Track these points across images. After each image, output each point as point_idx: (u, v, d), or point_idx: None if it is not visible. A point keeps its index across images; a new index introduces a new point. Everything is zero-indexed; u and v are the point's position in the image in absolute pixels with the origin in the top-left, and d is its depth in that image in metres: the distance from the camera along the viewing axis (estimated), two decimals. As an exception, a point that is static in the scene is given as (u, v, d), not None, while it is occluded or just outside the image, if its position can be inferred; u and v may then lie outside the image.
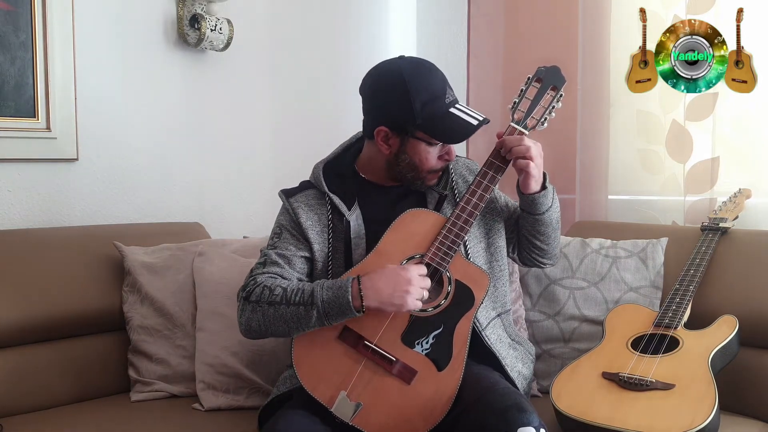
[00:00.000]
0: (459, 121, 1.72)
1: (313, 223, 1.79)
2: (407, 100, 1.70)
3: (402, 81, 1.71)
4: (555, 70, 1.77)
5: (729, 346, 1.83)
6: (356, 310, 1.60)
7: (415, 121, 1.71)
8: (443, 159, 1.78)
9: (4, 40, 2.14)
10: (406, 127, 1.73)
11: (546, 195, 1.78)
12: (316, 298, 1.62)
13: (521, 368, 1.82)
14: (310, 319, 1.62)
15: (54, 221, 2.29)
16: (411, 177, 1.79)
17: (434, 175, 1.81)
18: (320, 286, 1.64)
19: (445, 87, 1.75)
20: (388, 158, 1.78)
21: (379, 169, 1.83)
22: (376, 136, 1.76)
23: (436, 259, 1.69)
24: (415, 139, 1.74)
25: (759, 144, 2.37)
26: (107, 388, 2.10)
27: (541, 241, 1.86)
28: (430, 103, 1.71)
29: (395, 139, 1.75)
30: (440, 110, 1.72)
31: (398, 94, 1.70)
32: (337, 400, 1.61)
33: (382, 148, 1.77)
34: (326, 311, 1.61)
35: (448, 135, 1.74)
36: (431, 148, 1.75)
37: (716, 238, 2.08)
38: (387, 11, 3.15)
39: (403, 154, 1.76)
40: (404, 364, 1.64)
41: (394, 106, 1.72)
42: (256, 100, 2.77)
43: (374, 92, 1.77)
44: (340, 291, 1.61)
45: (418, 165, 1.76)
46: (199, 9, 2.49)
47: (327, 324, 1.63)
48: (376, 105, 1.77)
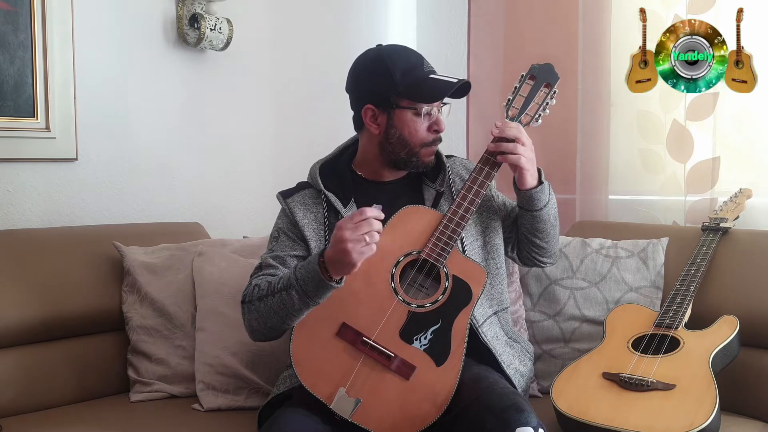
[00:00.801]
0: (439, 82, 1.75)
1: (309, 221, 1.81)
2: (387, 72, 1.74)
3: (380, 57, 1.77)
4: (548, 67, 1.79)
5: (729, 346, 1.83)
6: (327, 280, 1.58)
7: (397, 89, 1.74)
8: (432, 130, 1.79)
9: (3, 39, 2.14)
10: (389, 99, 1.75)
11: (542, 190, 1.78)
12: (292, 279, 1.63)
13: (518, 365, 1.82)
14: (293, 301, 1.62)
15: (54, 221, 2.28)
16: (405, 155, 1.79)
17: (428, 150, 1.80)
18: (295, 267, 1.65)
19: (422, 59, 1.79)
20: (379, 139, 1.79)
21: (374, 160, 1.83)
22: (364, 116, 1.79)
23: (433, 255, 1.69)
24: (401, 109, 1.76)
25: (759, 144, 2.37)
26: (107, 389, 2.10)
27: (540, 239, 1.87)
28: (409, 72, 1.75)
29: (382, 116, 1.77)
30: (420, 76, 1.76)
31: (378, 69, 1.76)
32: (336, 397, 1.61)
33: (372, 129, 1.79)
34: (304, 289, 1.60)
35: (430, 94, 1.75)
36: (418, 119, 1.77)
37: (717, 238, 2.08)
38: (387, 11, 3.15)
39: (392, 129, 1.77)
40: (403, 360, 1.64)
41: (375, 81, 1.76)
42: (256, 100, 2.76)
43: (356, 76, 1.82)
44: (310, 265, 1.61)
45: (408, 138, 1.77)
46: (198, 8, 2.49)
47: (312, 303, 1.61)
48: (359, 87, 1.81)
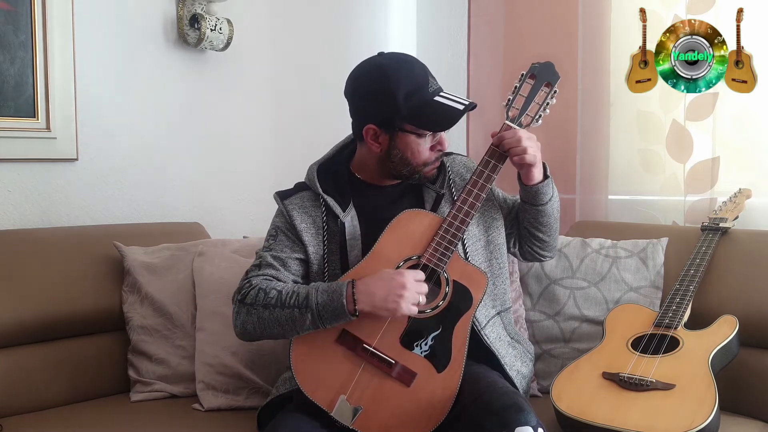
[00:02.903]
0: (444, 108, 1.69)
1: (307, 226, 1.78)
2: (390, 95, 1.67)
3: (383, 76, 1.69)
4: (549, 66, 1.74)
5: (729, 346, 1.83)
6: (350, 314, 1.59)
7: (401, 114, 1.69)
8: (436, 150, 1.76)
9: (4, 40, 2.14)
10: (392, 122, 1.71)
11: (548, 184, 1.77)
12: (310, 301, 1.61)
13: (520, 367, 1.81)
14: (304, 322, 1.61)
15: (54, 221, 2.28)
16: (407, 172, 1.76)
17: (431, 167, 1.78)
18: (315, 289, 1.63)
19: (427, 76, 1.73)
20: (380, 156, 1.76)
21: (374, 169, 1.81)
22: (365, 135, 1.74)
23: (433, 260, 1.67)
24: (404, 133, 1.71)
25: (759, 144, 2.37)
26: (107, 389, 2.10)
27: (543, 233, 1.86)
28: (413, 94, 1.68)
29: (384, 136, 1.73)
30: (424, 99, 1.69)
31: (380, 89, 1.69)
32: (336, 405, 1.61)
33: (373, 147, 1.75)
34: (320, 314, 1.60)
35: (435, 123, 1.71)
36: (421, 140, 1.73)
37: (716, 238, 2.08)
38: (387, 11, 3.15)
39: (394, 150, 1.73)
40: (403, 367, 1.63)
41: (377, 102, 1.71)
42: (256, 100, 2.76)
43: (357, 92, 1.76)
44: (335, 294, 1.60)
45: (410, 159, 1.74)
46: (199, 9, 2.49)
47: (321, 327, 1.62)
48: (361, 105, 1.76)
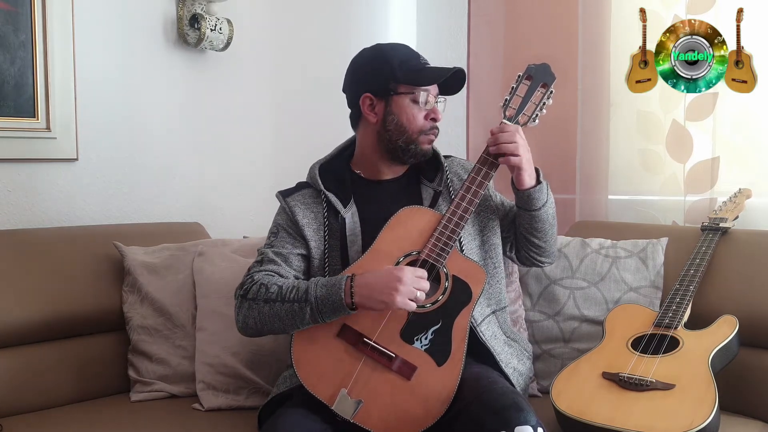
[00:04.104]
0: (435, 69, 1.81)
1: (309, 221, 1.81)
2: (385, 61, 1.78)
3: (378, 49, 1.83)
4: (545, 67, 1.78)
5: (729, 346, 1.83)
6: (348, 307, 1.61)
7: (395, 76, 1.77)
8: (430, 119, 1.81)
9: (4, 40, 2.14)
10: (387, 86, 1.78)
11: (541, 190, 1.79)
12: (310, 295, 1.64)
13: (516, 364, 1.82)
14: (304, 316, 1.64)
15: (54, 221, 2.29)
16: (403, 143, 1.80)
17: (426, 137, 1.82)
18: (315, 283, 1.66)
19: (419, 54, 1.83)
20: (377, 128, 1.81)
21: (372, 153, 1.84)
22: (362, 105, 1.80)
23: (432, 255, 1.69)
24: (399, 95, 1.78)
25: (759, 144, 2.37)
26: (107, 388, 2.10)
27: (539, 239, 1.87)
28: (406, 61, 1.79)
29: (380, 103, 1.80)
30: (417, 66, 1.80)
31: (376, 58, 1.81)
32: (337, 398, 1.62)
33: (370, 118, 1.81)
34: (319, 308, 1.62)
35: (428, 78, 1.79)
36: (416, 106, 1.79)
37: (716, 238, 2.08)
38: (387, 11, 3.15)
39: (389, 116, 1.79)
40: (404, 360, 1.64)
41: (373, 70, 1.80)
42: (256, 100, 2.76)
43: (354, 71, 1.85)
44: (334, 288, 1.63)
45: (406, 125, 1.79)
46: (199, 9, 2.49)
47: (321, 321, 1.64)
48: (357, 79, 1.84)
